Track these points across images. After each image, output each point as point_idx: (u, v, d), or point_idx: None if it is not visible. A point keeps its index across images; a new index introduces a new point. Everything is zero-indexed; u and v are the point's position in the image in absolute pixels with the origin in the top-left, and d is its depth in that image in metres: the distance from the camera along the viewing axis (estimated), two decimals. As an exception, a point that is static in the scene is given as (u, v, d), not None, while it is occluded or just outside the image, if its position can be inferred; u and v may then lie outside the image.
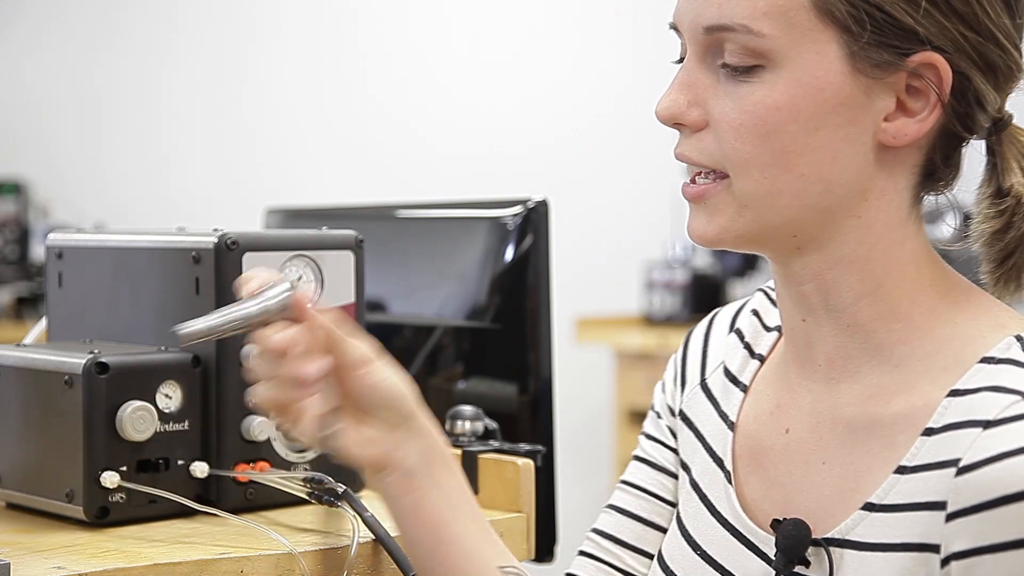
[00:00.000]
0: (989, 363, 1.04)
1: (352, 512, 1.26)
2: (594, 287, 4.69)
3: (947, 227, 1.16)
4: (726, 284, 4.25)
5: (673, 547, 1.21)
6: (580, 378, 4.52)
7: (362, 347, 1.17)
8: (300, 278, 1.19)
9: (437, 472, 1.19)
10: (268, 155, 4.80)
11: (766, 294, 1.27)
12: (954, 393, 1.04)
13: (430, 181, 4.76)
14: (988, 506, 0.98)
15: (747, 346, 1.24)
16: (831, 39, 1.05)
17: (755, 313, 1.26)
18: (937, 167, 1.11)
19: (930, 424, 1.04)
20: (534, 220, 1.59)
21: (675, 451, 1.27)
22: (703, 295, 4.34)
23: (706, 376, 1.25)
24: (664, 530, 1.25)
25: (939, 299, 1.10)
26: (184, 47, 4.81)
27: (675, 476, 1.26)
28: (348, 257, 1.41)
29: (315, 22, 4.84)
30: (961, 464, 1.00)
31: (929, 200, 1.14)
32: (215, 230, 1.35)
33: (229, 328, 1.15)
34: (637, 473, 1.29)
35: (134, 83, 4.81)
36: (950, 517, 1.00)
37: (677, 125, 1.10)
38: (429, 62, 4.89)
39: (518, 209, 1.60)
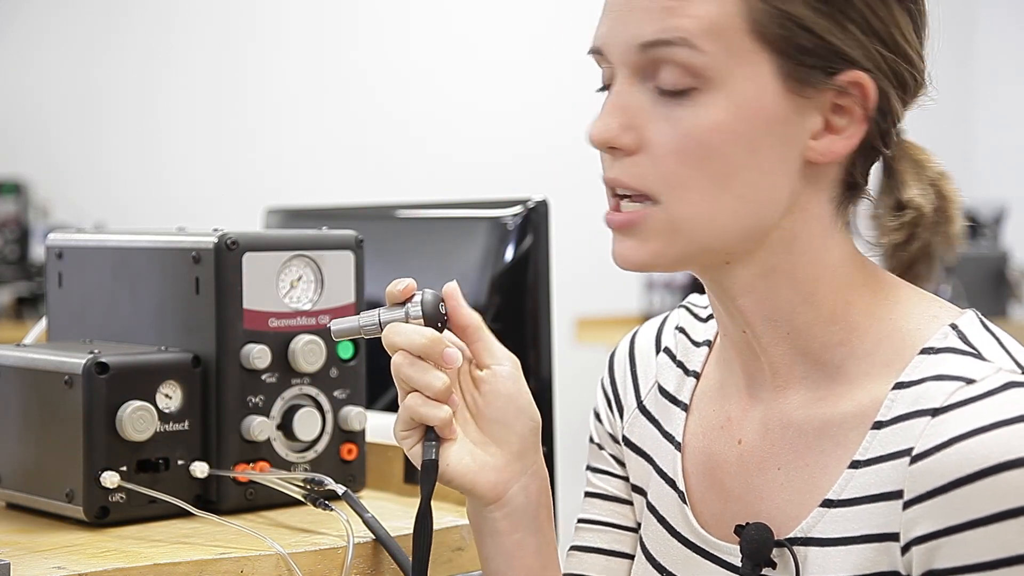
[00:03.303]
0: (929, 353, 1.07)
1: (345, 516, 1.26)
2: (594, 287, 4.69)
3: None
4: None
5: (639, 571, 1.22)
6: (580, 378, 4.50)
7: (509, 354, 1.18)
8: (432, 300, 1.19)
9: (543, 518, 1.19)
10: (268, 155, 4.79)
11: (688, 310, 1.28)
12: (899, 386, 1.06)
13: (430, 182, 4.75)
14: (943, 490, 1.00)
15: (680, 364, 1.24)
16: (764, 60, 1.06)
17: (680, 330, 1.26)
18: (858, 181, 1.13)
19: (878, 418, 1.06)
20: (534, 220, 1.59)
21: (624, 478, 1.28)
22: (703, 294, 4.33)
23: (642, 398, 1.26)
24: (628, 556, 1.26)
25: (872, 298, 1.12)
26: (184, 48, 4.81)
27: (629, 502, 1.27)
28: (348, 257, 1.41)
29: (315, 23, 4.83)
30: (914, 452, 1.02)
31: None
32: (215, 230, 1.35)
33: (375, 331, 1.17)
34: (591, 509, 1.29)
35: (134, 83, 4.81)
36: (907, 504, 1.02)
37: (611, 150, 1.08)
38: (429, 63, 4.89)
39: (518, 209, 1.60)
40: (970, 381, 1.03)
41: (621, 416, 1.27)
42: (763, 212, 1.08)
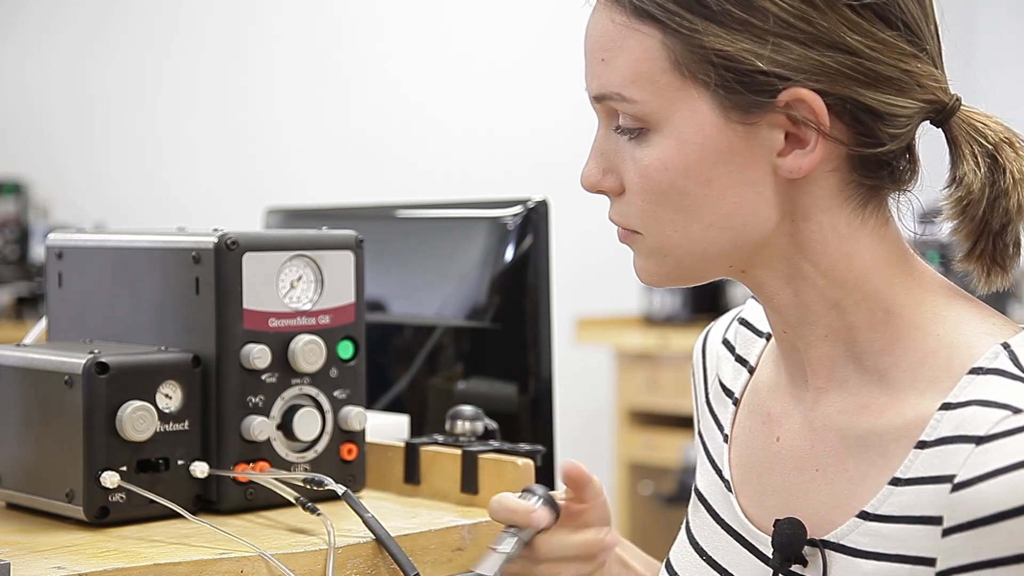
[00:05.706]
0: (978, 374, 1.04)
1: (330, 522, 1.26)
2: (594, 287, 4.69)
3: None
4: (726, 284, 4.25)
5: (680, 553, 1.23)
6: (580, 378, 4.51)
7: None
8: (540, 500, 1.24)
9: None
10: (268, 155, 4.80)
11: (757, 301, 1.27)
12: (945, 407, 1.04)
13: (430, 182, 4.75)
14: (984, 522, 0.99)
15: (738, 357, 1.25)
16: (698, 96, 1.06)
17: (743, 322, 1.27)
18: (887, 176, 1.09)
19: (923, 437, 1.04)
20: (534, 220, 1.59)
21: None
22: (703, 295, 4.34)
23: (708, 390, 1.28)
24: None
25: (916, 309, 1.09)
26: (184, 48, 4.81)
27: None
28: (348, 257, 1.41)
29: (315, 23, 4.84)
30: (956, 480, 1.01)
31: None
32: (215, 230, 1.35)
33: (518, 553, 1.21)
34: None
35: (134, 83, 4.81)
36: (946, 532, 1.01)
37: (600, 192, 1.13)
38: (429, 64, 4.89)
39: (518, 209, 1.60)
40: (1017, 411, 1.00)
41: (697, 408, 1.30)
42: (745, 231, 1.09)
